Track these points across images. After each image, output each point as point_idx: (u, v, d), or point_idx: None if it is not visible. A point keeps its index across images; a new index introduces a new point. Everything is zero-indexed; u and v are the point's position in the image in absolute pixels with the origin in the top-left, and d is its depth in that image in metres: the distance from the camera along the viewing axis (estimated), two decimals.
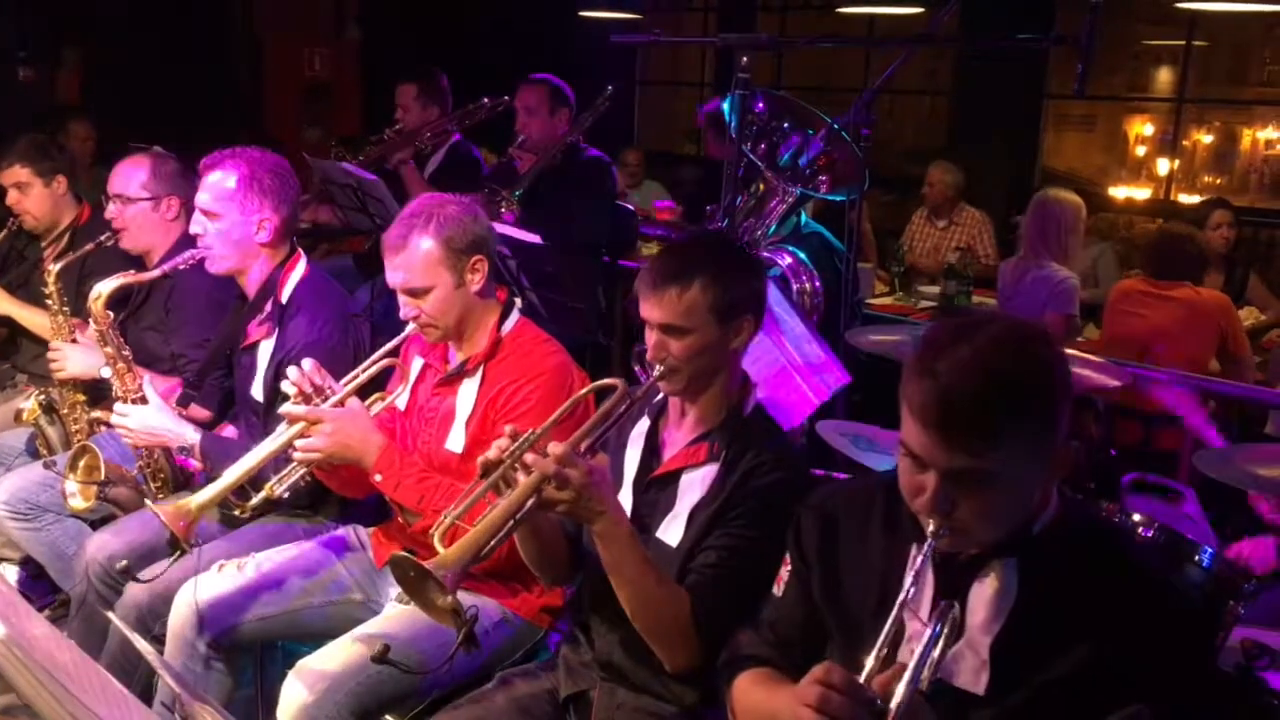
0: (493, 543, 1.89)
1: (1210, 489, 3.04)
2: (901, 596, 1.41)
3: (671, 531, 2.10)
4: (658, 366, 2.07)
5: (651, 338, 2.08)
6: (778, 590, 1.80)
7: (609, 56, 4.74)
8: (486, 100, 4.82)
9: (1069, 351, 3.39)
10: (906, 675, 1.33)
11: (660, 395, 2.18)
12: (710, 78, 8.91)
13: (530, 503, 1.90)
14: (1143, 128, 8.61)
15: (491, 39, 7.50)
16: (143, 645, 1.53)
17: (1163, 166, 8.13)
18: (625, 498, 2.17)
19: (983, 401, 1.38)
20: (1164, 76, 8.26)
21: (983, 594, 1.51)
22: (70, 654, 1.53)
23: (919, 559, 1.45)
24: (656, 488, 2.15)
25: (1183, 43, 7.39)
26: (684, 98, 9.72)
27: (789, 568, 1.78)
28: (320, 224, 5.06)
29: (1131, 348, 4.27)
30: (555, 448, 1.90)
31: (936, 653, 1.39)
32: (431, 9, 8.17)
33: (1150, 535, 2.10)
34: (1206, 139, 8.57)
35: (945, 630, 1.41)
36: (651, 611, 1.98)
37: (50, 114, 6.42)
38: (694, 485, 2.10)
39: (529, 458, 1.91)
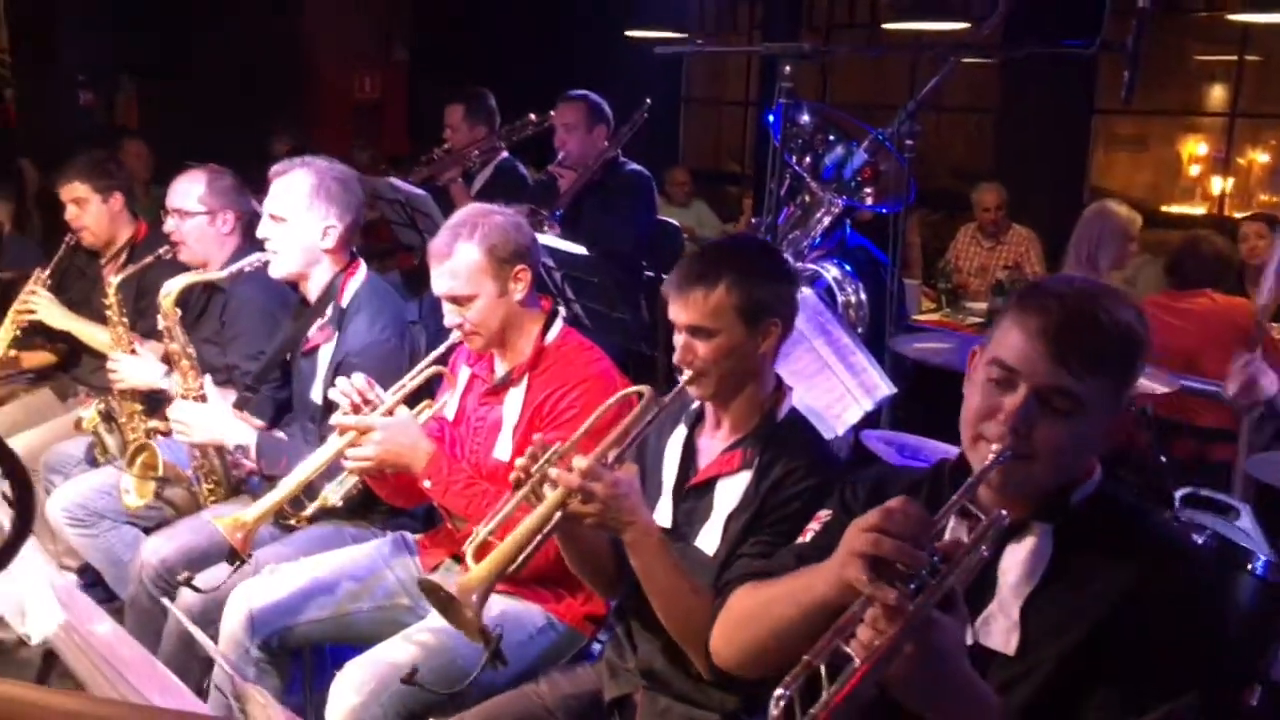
0: (520, 558, 1.93)
1: (1267, 503, 2.99)
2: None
3: (708, 540, 2.10)
4: (686, 371, 2.07)
5: (679, 340, 2.09)
6: (803, 539, 1.77)
7: (654, 75, 4.80)
8: (533, 116, 4.88)
9: None
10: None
11: (696, 403, 2.18)
12: (755, 96, 8.94)
13: (557, 517, 1.92)
14: (1196, 147, 8.50)
15: (538, 59, 7.59)
16: (197, 632, 1.56)
17: (1217, 185, 8.02)
18: (665, 506, 2.18)
19: (1100, 327, 1.45)
20: (1217, 94, 8.16)
21: (1016, 557, 1.53)
22: (132, 650, 1.58)
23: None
24: (694, 496, 2.15)
25: (1235, 57, 7.32)
26: (729, 116, 9.76)
27: (821, 522, 1.76)
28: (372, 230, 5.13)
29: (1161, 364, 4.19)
30: (580, 461, 1.90)
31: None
32: (478, 30, 8.28)
33: (1202, 542, 2.07)
34: (1262, 158, 8.44)
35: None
36: (684, 618, 1.98)
37: (107, 135, 6.59)
38: (729, 493, 2.09)
39: (553, 473, 1.93)
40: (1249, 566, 2.04)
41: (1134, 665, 1.42)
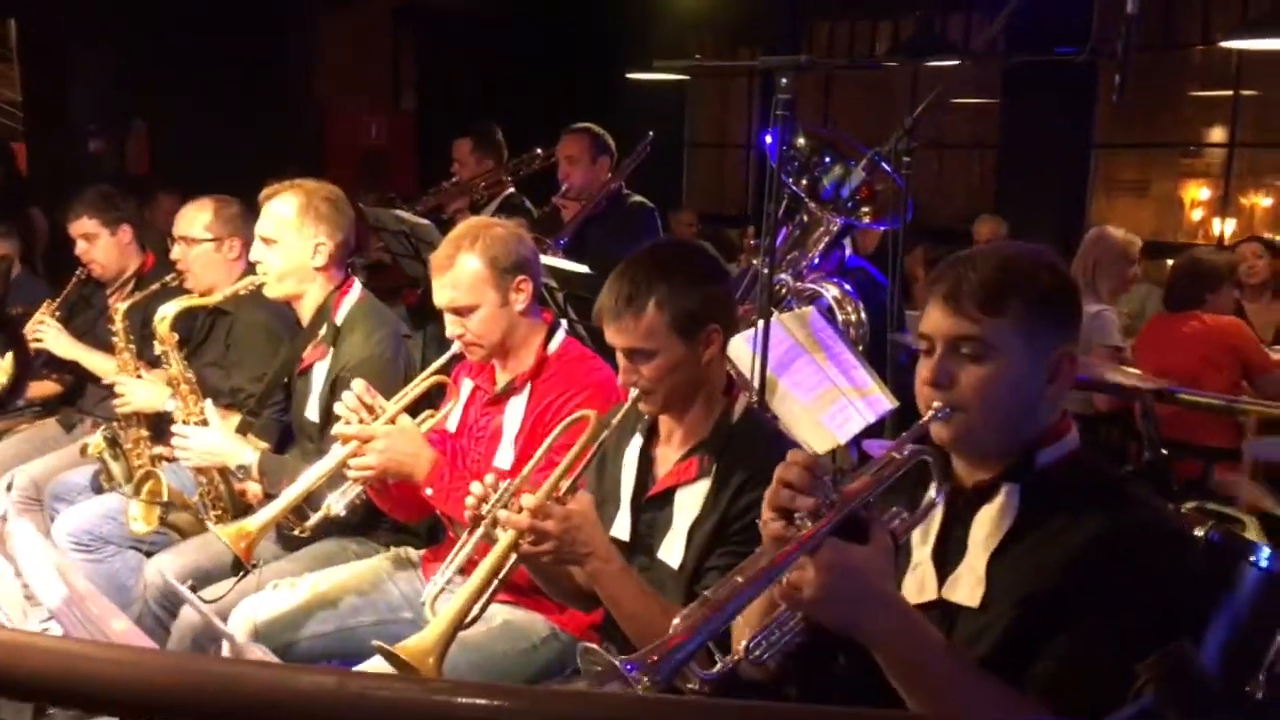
0: (477, 607, 1.95)
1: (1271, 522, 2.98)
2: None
3: (671, 551, 2.09)
4: (632, 390, 2.06)
5: (621, 362, 2.07)
6: None
7: (657, 120, 4.90)
8: (539, 151, 4.95)
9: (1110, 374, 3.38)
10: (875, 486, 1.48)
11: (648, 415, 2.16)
12: (757, 138, 9.05)
13: (511, 560, 1.93)
14: (1198, 191, 8.59)
15: (541, 104, 7.70)
16: (198, 604, 1.56)
17: (1218, 226, 8.11)
18: (624, 518, 2.17)
19: (989, 275, 1.55)
20: (1216, 136, 8.25)
21: (987, 515, 1.58)
22: (139, 639, 1.58)
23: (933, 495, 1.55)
24: (653, 507, 2.14)
25: (1231, 92, 7.42)
26: (730, 161, 9.87)
27: None
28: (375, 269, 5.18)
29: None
30: (528, 500, 1.90)
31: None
32: (483, 76, 8.42)
33: (1204, 534, 2.06)
34: (1265, 202, 8.52)
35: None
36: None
37: (118, 182, 6.67)
38: (689, 502, 2.08)
39: (502, 515, 1.92)
40: (1251, 559, 2.02)
41: (1093, 614, 1.45)
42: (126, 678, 0.89)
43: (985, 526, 1.57)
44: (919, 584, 1.61)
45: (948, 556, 1.61)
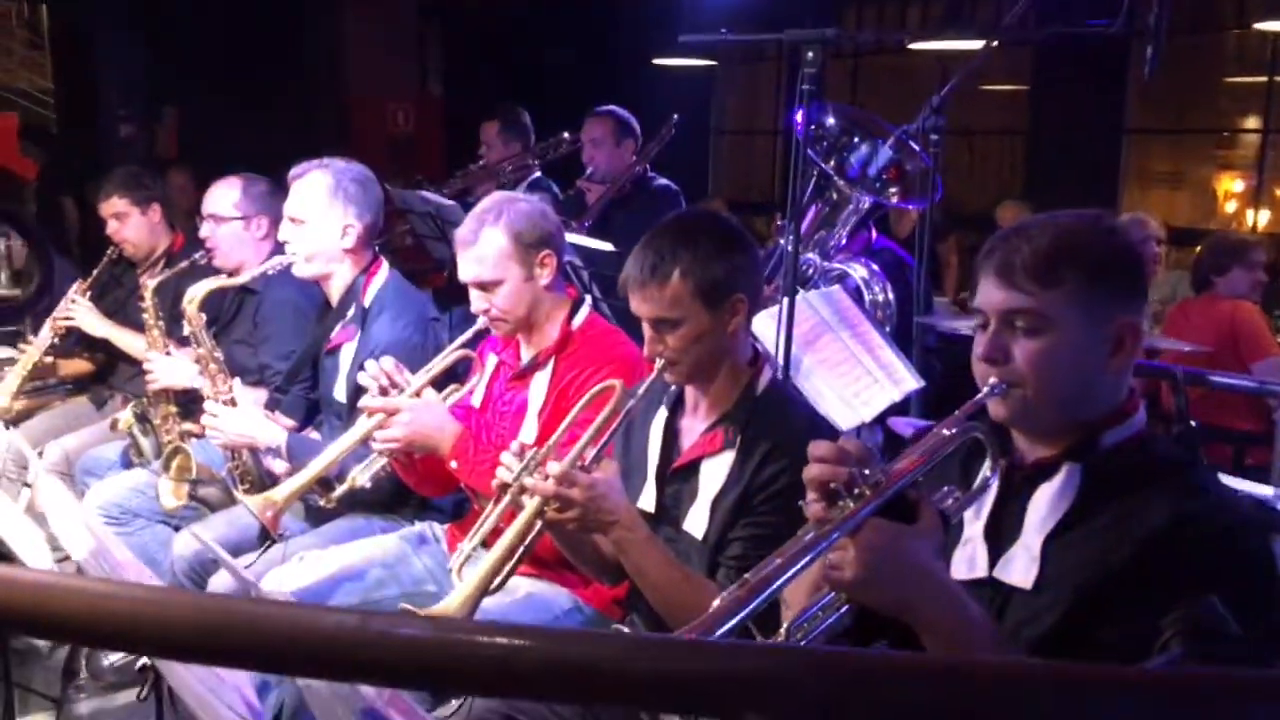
0: (503, 573, 1.96)
1: None
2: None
3: (696, 522, 2.09)
4: (658, 360, 2.06)
5: (647, 332, 2.08)
6: None
7: (684, 107, 4.90)
8: (566, 135, 4.95)
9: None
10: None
11: (673, 385, 2.17)
12: (785, 124, 9.02)
13: (538, 527, 1.94)
14: (1231, 182, 8.48)
15: (568, 89, 7.70)
16: (227, 559, 1.58)
17: (1251, 218, 8.01)
18: (649, 490, 2.17)
19: (1043, 245, 1.49)
20: (1252, 123, 8.14)
21: (1045, 495, 1.52)
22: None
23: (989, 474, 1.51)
24: (679, 479, 2.14)
25: (1266, 79, 7.33)
26: (760, 147, 9.83)
27: None
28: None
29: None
30: (554, 467, 1.91)
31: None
32: (509, 60, 8.42)
33: None
34: None
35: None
36: (682, 611, 1.94)
37: (149, 167, 6.74)
38: (714, 474, 2.08)
39: (528, 481, 1.93)
40: None
41: (1156, 601, 1.35)
42: (151, 616, 0.90)
43: (1043, 506, 1.52)
44: (969, 560, 1.57)
45: (1001, 534, 1.55)
